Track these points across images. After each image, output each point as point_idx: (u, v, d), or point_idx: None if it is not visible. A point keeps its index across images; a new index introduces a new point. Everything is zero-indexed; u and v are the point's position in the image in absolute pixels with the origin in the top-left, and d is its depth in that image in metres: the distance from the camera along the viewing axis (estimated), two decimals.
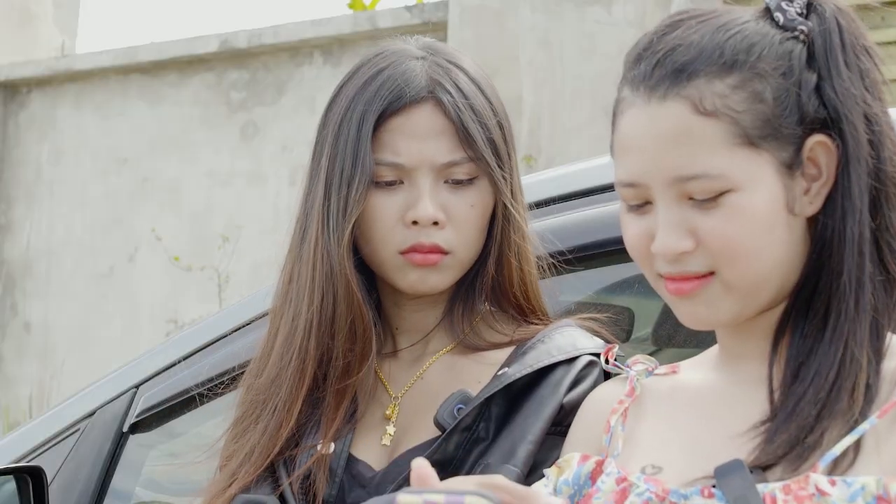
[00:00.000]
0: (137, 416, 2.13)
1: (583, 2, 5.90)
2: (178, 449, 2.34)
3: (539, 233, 1.80)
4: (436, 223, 1.68)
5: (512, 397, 1.67)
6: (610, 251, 1.90)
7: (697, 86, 1.34)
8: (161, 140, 7.49)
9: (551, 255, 1.80)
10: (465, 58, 1.75)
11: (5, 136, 7.98)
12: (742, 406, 1.38)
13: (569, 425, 1.62)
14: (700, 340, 1.89)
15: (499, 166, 1.71)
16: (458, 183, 1.69)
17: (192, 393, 2.03)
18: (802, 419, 1.30)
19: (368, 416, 1.75)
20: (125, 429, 2.14)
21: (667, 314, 2.01)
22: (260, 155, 7.17)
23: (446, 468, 1.63)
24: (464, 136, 1.68)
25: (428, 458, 1.59)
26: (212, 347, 2.13)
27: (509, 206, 1.71)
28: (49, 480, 1.94)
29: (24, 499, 1.91)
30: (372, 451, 1.71)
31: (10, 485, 1.94)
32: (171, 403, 2.13)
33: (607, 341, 1.71)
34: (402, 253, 1.69)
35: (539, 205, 1.94)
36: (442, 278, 1.70)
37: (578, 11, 5.91)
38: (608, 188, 1.92)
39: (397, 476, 1.65)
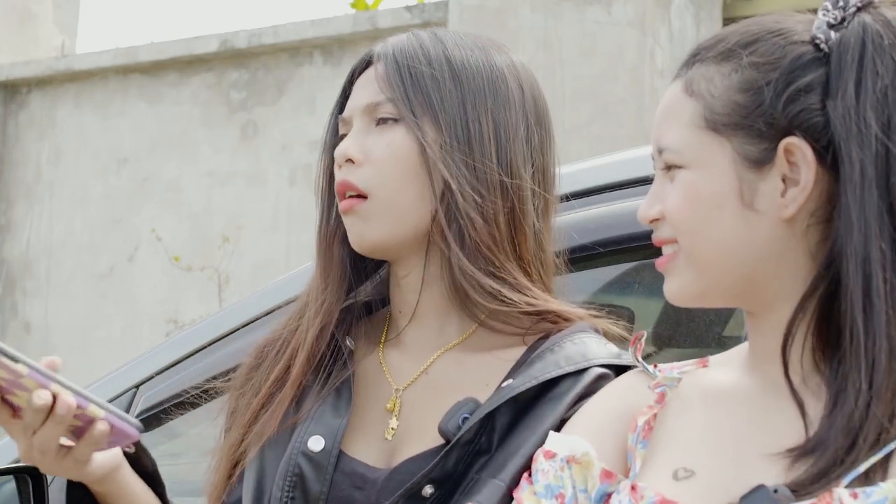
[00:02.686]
0: (137, 416, 2.13)
1: (583, 2, 5.90)
2: (178, 449, 2.34)
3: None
4: (350, 161, 1.66)
5: (519, 408, 1.58)
6: (610, 251, 1.90)
7: (697, 69, 1.40)
8: (161, 140, 7.48)
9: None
10: (446, 44, 1.69)
11: (5, 136, 7.98)
12: (773, 417, 1.36)
13: None
14: (700, 340, 1.89)
15: (425, 109, 1.65)
16: (382, 123, 1.67)
17: (192, 394, 2.03)
18: (834, 449, 1.27)
19: (369, 408, 1.68)
20: None
21: (667, 314, 2.01)
22: (260, 155, 7.17)
23: (445, 484, 1.56)
24: (384, 77, 1.68)
25: (426, 475, 1.55)
26: (212, 347, 2.13)
27: (430, 149, 1.63)
28: (49, 480, 1.94)
29: (24, 499, 1.91)
30: (373, 447, 1.64)
31: (10, 485, 1.93)
32: (171, 403, 2.13)
33: (621, 343, 1.65)
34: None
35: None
36: (367, 227, 1.65)
37: (578, 11, 5.90)
38: (608, 188, 1.92)
39: (398, 486, 1.58)
